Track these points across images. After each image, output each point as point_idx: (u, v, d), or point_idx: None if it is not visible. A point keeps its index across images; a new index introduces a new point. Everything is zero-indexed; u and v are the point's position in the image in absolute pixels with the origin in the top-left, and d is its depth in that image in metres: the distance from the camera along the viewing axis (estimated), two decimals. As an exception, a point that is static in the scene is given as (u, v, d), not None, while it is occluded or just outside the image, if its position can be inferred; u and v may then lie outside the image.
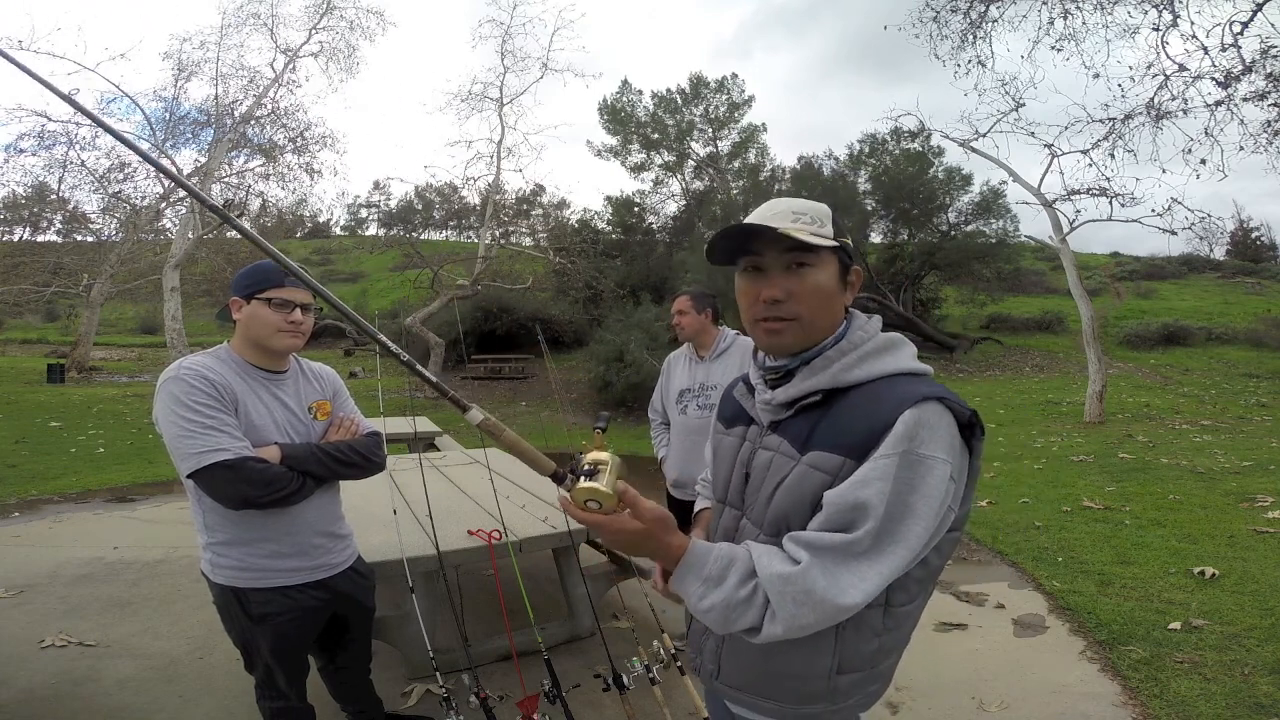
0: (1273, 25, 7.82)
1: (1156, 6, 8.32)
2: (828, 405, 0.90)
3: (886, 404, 0.83)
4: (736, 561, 0.83)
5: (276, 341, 1.61)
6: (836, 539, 0.79)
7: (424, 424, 5.42)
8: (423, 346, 14.94)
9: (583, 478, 0.83)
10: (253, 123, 14.01)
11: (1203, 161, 9.02)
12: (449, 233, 20.22)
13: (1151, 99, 9.24)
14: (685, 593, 0.84)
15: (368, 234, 23.81)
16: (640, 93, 19.75)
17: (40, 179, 14.63)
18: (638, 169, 20.21)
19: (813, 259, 0.91)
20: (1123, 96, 10.22)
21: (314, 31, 14.27)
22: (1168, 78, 8.90)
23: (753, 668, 0.95)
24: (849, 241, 0.95)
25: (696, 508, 1.26)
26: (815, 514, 0.84)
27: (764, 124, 20.03)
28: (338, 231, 34.86)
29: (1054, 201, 11.02)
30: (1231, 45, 8.03)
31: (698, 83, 19.44)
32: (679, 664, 2.24)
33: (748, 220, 0.92)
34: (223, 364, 1.59)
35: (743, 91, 19.56)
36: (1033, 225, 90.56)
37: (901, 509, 0.79)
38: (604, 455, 0.85)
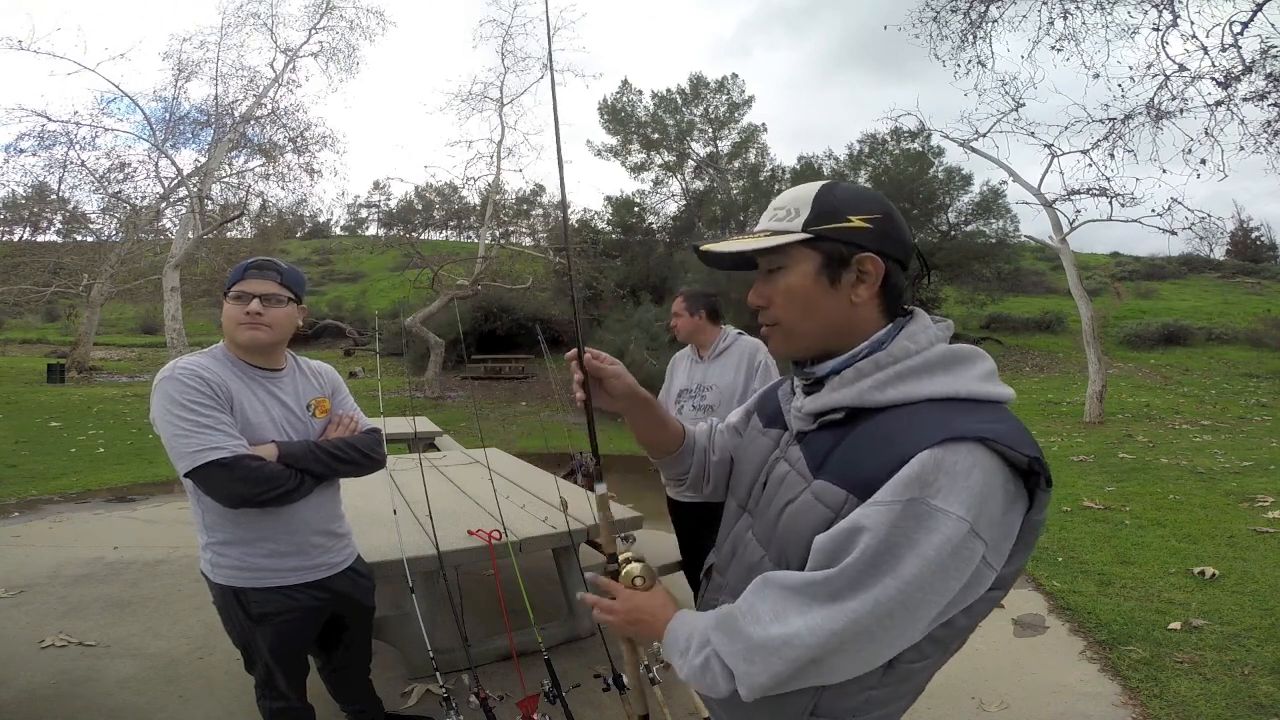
0: (1273, 25, 7.82)
1: (1156, 6, 8.32)
2: (852, 426, 0.77)
3: (908, 437, 0.69)
4: (698, 631, 0.80)
5: (238, 335, 1.58)
6: (794, 578, 0.72)
7: (424, 424, 5.42)
8: (423, 346, 14.94)
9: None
10: (253, 123, 14.01)
11: (1203, 161, 9.02)
12: (449, 233, 20.23)
13: (1151, 99, 9.24)
14: (673, 665, 0.83)
15: (368, 234, 23.81)
16: (640, 93, 19.74)
17: (40, 179, 14.62)
18: (638, 169, 20.20)
19: (782, 260, 0.82)
20: (1123, 96, 10.19)
21: (314, 31, 14.29)
22: (1168, 78, 8.90)
23: (733, 695, 0.90)
24: (845, 224, 0.79)
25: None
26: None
27: (764, 124, 20.04)
28: (338, 231, 34.94)
29: (1054, 201, 11.03)
30: (1231, 45, 8.02)
31: (698, 83, 19.42)
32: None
33: None
34: (218, 363, 1.58)
35: (743, 92, 19.56)
36: (1033, 225, 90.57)
37: (888, 559, 0.66)
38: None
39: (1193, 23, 8.33)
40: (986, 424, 0.69)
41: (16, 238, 18.97)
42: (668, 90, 19.63)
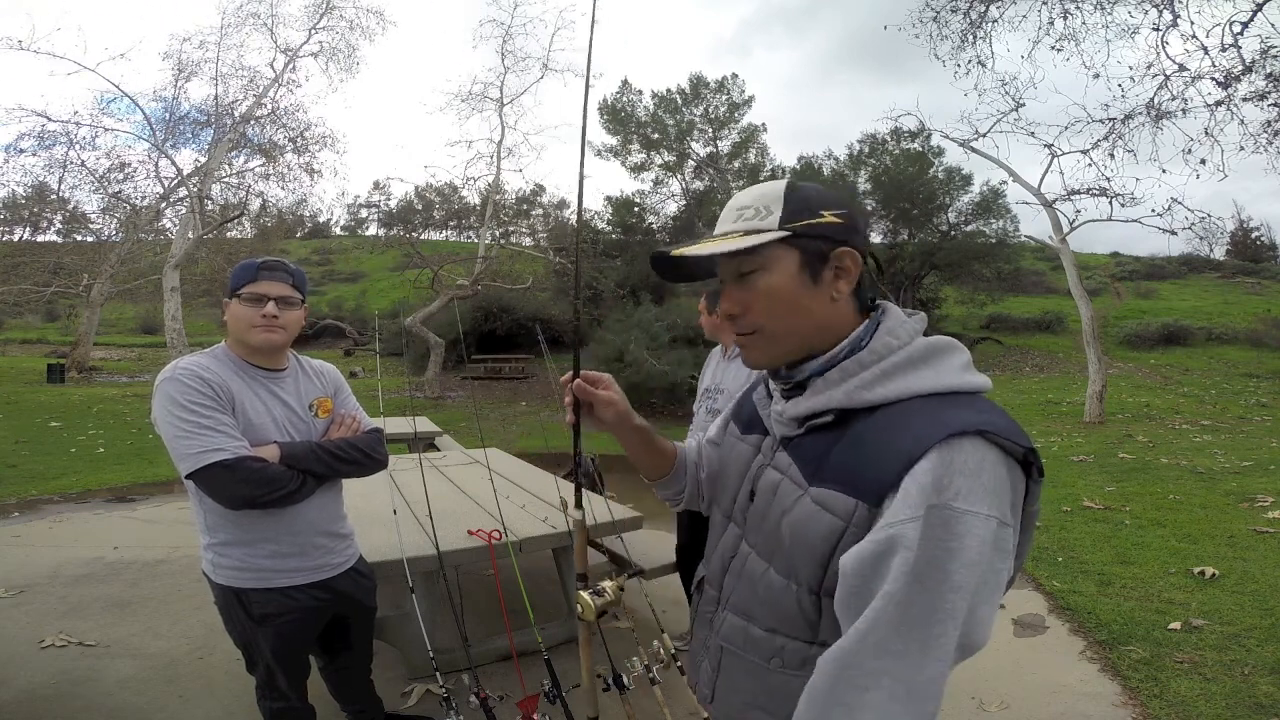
0: (1273, 25, 7.82)
1: (1156, 6, 8.32)
2: (843, 427, 0.75)
3: (908, 436, 0.68)
4: None
5: (252, 337, 1.58)
6: (859, 637, 0.65)
7: (424, 424, 5.42)
8: (423, 346, 14.93)
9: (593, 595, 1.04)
10: (253, 123, 14.01)
11: (1203, 161, 9.02)
12: (449, 233, 20.23)
13: (1151, 99, 9.24)
14: None
15: (368, 234, 23.84)
16: (640, 93, 19.71)
17: (40, 179, 14.62)
18: (638, 169, 20.19)
19: (757, 261, 0.78)
20: (1123, 96, 10.16)
21: (314, 31, 14.27)
22: (1168, 78, 8.90)
23: (746, 703, 0.84)
24: (819, 219, 0.77)
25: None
26: (827, 566, 0.72)
27: (764, 124, 20.04)
28: (338, 231, 34.96)
29: (1054, 201, 11.03)
30: (1231, 45, 8.02)
31: (698, 83, 19.42)
32: (679, 664, 2.24)
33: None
34: (219, 363, 1.58)
35: (743, 92, 19.55)
36: (1033, 225, 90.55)
37: (935, 573, 0.63)
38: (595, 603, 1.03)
39: (1193, 23, 8.33)
40: (981, 416, 0.68)
41: (16, 238, 18.99)
42: (668, 90, 19.63)
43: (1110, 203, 10.63)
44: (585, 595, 1.02)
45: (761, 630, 0.81)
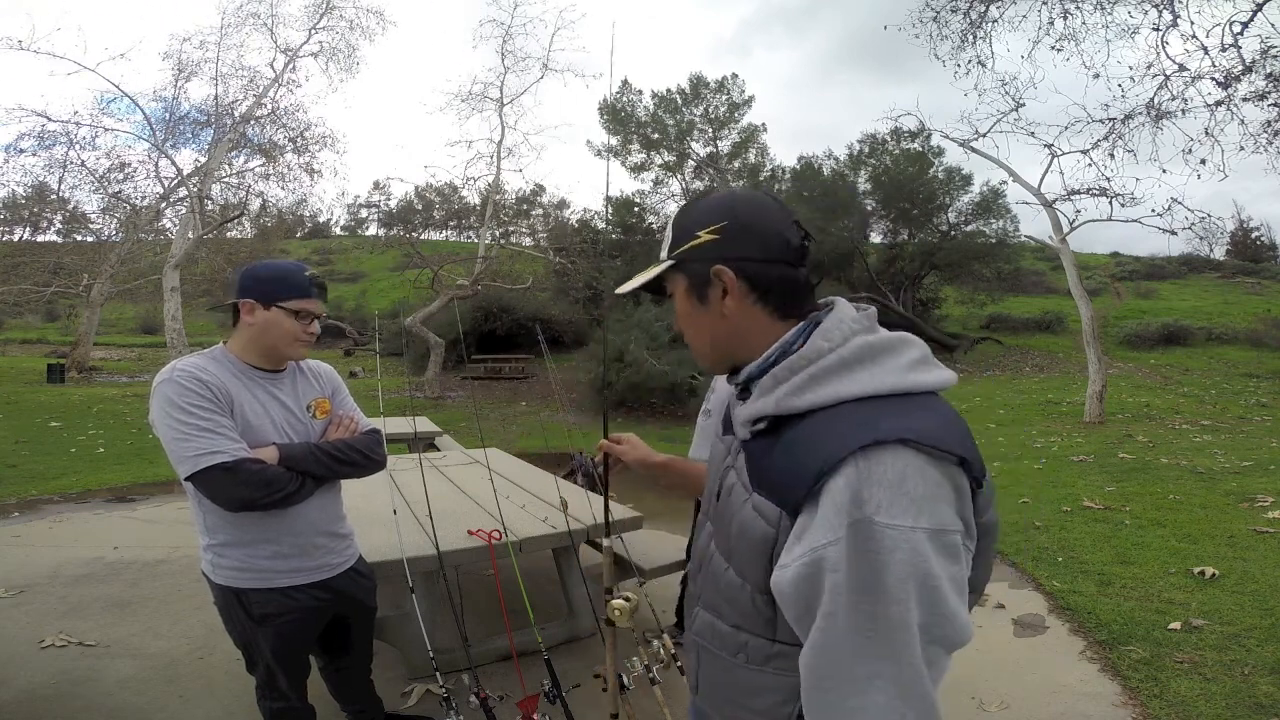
0: (1273, 25, 7.82)
1: (1156, 6, 8.31)
2: (777, 435, 0.74)
3: (826, 446, 0.65)
4: None
5: (295, 351, 1.64)
6: (817, 653, 0.64)
7: (424, 424, 5.42)
8: (423, 346, 14.93)
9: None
10: (253, 123, 13.99)
11: (1203, 161, 9.02)
12: (449, 233, 20.24)
13: (1151, 99, 9.23)
14: None
15: (368, 234, 23.88)
16: (640, 93, 19.73)
17: (40, 179, 14.59)
18: (638, 169, 20.20)
19: (670, 286, 0.87)
20: (1123, 96, 10.16)
21: (314, 31, 14.24)
22: (1168, 78, 8.90)
23: (721, 695, 0.86)
24: (695, 241, 0.80)
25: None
26: (770, 569, 0.71)
27: (764, 124, 20.04)
28: (338, 231, 34.99)
29: (1054, 201, 11.02)
30: (1231, 45, 8.02)
31: (698, 83, 19.43)
32: (679, 664, 2.24)
33: None
34: (218, 364, 1.58)
35: (743, 92, 19.56)
36: (1033, 225, 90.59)
37: (875, 594, 0.60)
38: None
39: (1193, 23, 8.33)
40: (911, 421, 0.64)
41: (16, 238, 18.99)
42: (668, 90, 19.64)
43: (1110, 203, 10.64)
44: (619, 602, 1.14)
45: (728, 626, 0.82)
